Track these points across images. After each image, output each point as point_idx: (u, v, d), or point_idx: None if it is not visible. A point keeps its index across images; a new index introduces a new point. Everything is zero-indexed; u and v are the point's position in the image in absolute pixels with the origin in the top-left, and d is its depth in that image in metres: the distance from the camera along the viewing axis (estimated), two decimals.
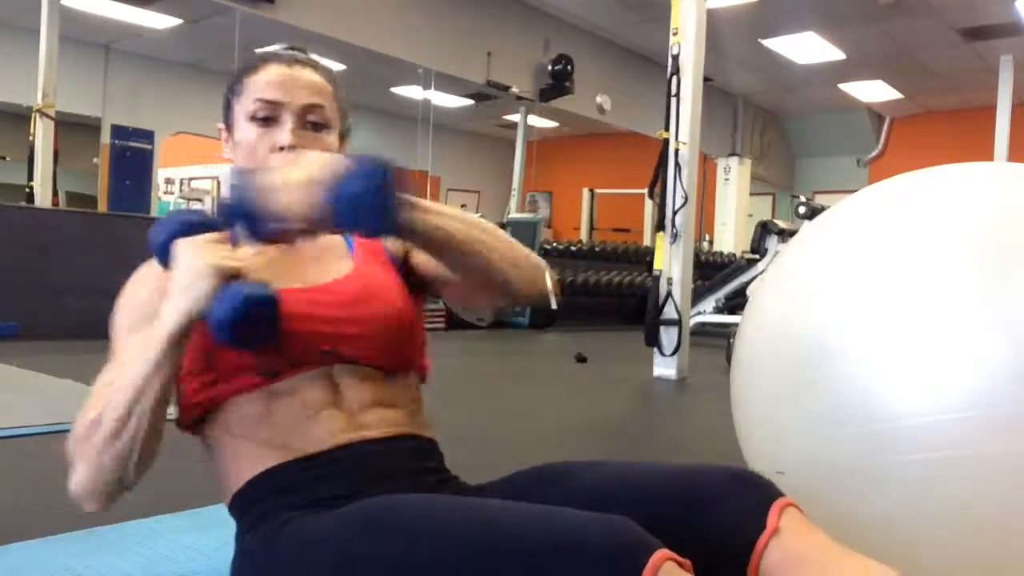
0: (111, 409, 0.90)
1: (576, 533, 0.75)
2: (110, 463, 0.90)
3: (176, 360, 0.91)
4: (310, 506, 0.92)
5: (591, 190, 12.59)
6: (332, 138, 1.08)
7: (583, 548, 0.73)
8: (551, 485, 0.97)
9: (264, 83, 1.04)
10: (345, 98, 1.12)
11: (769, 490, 0.89)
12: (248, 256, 1.03)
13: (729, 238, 11.52)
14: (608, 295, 8.86)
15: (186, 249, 0.90)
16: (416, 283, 1.13)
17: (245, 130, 1.04)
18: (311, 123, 1.05)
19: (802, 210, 6.65)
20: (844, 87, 10.95)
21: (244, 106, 1.05)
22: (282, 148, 1.02)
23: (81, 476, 0.91)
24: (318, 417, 0.98)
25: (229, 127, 1.08)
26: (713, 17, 5.52)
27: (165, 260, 0.92)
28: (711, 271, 8.55)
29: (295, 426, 0.97)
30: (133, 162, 9.93)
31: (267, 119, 1.04)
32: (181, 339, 0.89)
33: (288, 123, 1.03)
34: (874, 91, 11.11)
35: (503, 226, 8.75)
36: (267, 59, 1.08)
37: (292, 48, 1.11)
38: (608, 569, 0.72)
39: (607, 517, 0.76)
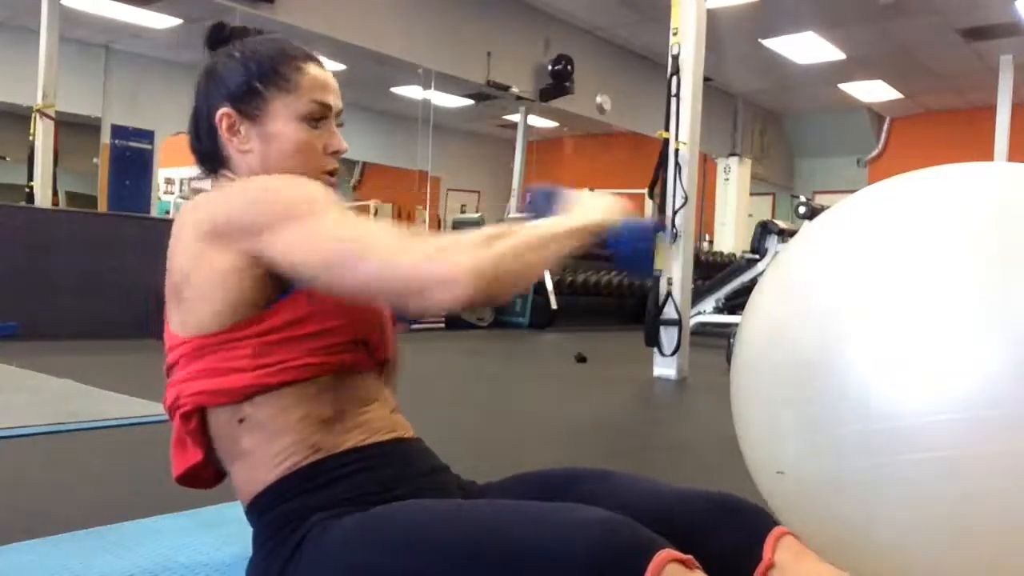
0: (499, 262, 0.86)
1: (576, 534, 0.74)
2: (493, 285, 0.85)
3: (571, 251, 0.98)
4: (336, 505, 0.92)
5: (591, 190, 12.57)
6: None
7: (583, 550, 0.73)
8: (546, 494, 0.97)
9: (318, 85, 1.05)
10: None
11: (761, 520, 0.88)
12: None
13: (729, 238, 11.51)
14: (608, 295, 8.87)
15: (585, 194, 1.09)
16: None
17: (293, 128, 1.03)
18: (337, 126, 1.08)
19: (802, 210, 6.64)
20: (844, 87, 10.95)
21: (293, 104, 1.03)
22: (335, 152, 1.05)
23: (474, 264, 0.84)
24: (373, 407, 1.02)
25: (251, 116, 1.03)
26: (713, 17, 5.52)
27: (547, 208, 1.08)
28: (711, 271, 8.54)
29: (357, 409, 1.00)
30: (133, 162, 9.93)
31: (318, 120, 1.05)
32: (583, 240, 0.99)
33: (334, 127, 1.06)
34: (874, 91, 11.11)
35: None
36: (299, 55, 1.06)
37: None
38: (608, 572, 0.71)
39: (608, 516, 0.76)
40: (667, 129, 4.63)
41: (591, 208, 1.05)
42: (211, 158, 1.07)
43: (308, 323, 0.96)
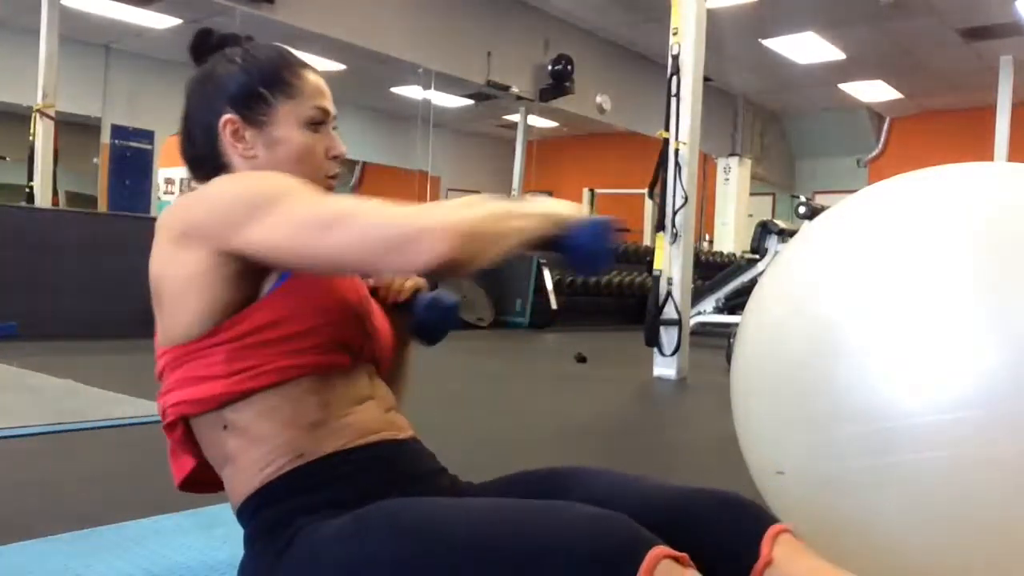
0: (478, 222, 0.85)
1: (569, 532, 0.74)
2: (473, 244, 0.83)
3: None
4: (322, 509, 0.91)
5: (591, 190, 12.59)
6: None
7: (576, 547, 0.72)
8: (546, 492, 0.96)
9: (319, 91, 1.07)
10: None
11: (761, 517, 0.87)
12: None
13: (729, 238, 11.51)
14: (608, 295, 8.86)
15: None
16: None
17: (297, 134, 1.03)
18: None
19: (802, 210, 6.64)
20: (844, 87, 10.95)
21: (296, 109, 1.04)
22: (336, 156, 1.06)
23: (456, 221, 0.82)
24: (364, 407, 1.01)
25: (256, 122, 1.03)
26: (713, 17, 5.51)
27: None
28: (711, 271, 8.54)
29: (345, 410, 0.98)
30: (133, 162, 9.93)
31: (319, 125, 1.06)
32: (547, 228, 0.95)
33: (332, 131, 1.07)
34: (874, 91, 11.11)
35: None
36: (297, 61, 1.08)
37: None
38: (601, 569, 0.71)
39: (601, 514, 0.76)
40: (667, 129, 4.63)
41: (552, 205, 1.00)
42: (206, 163, 1.05)
43: (283, 326, 0.94)
